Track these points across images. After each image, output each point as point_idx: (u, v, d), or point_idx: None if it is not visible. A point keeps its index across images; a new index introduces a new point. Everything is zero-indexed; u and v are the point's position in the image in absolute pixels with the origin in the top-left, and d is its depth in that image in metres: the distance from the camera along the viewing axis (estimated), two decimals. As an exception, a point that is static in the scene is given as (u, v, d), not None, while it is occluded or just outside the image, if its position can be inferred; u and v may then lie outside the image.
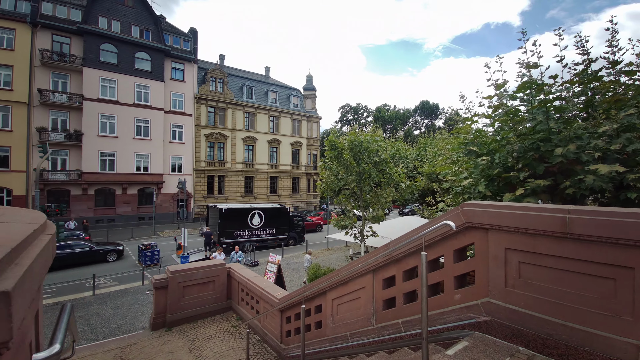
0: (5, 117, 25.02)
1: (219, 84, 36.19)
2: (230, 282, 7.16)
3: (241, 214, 20.42)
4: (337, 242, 23.71)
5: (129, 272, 15.94)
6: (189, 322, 6.48)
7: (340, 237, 12.61)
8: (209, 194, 34.99)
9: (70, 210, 27.19)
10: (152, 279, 6.47)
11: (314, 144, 44.91)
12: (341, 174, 8.55)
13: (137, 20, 30.80)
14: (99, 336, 8.69)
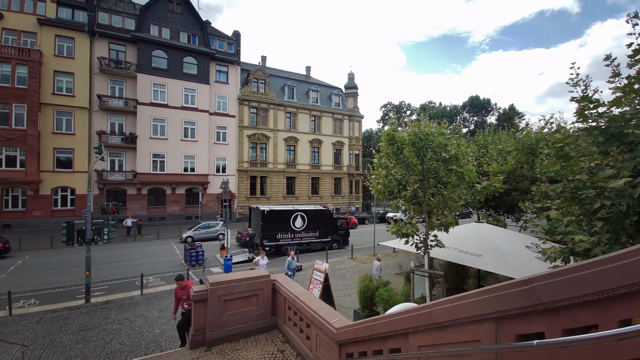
0: (68, 122, 27.09)
1: (260, 85, 36.40)
2: (275, 296, 6.27)
3: (283, 216, 19.85)
4: (383, 248, 22.24)
5: (175, 271, 15.97)
6: (230, 341, 5.68)
7: (393, 245, 11.30)
8: (252, 194, 35.25)
9: (127, 209, 28.77)
10: (191, 291, 5.77)
11: (356, 143, 43.59)
12: (399, 173, 7.28)
13: (185, 26, 31.91)
14: (141, 342, 8.37)
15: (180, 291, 7.41)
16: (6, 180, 24.29)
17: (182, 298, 7.35)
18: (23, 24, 25.63)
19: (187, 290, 7.28)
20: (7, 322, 9.55)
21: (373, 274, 12.18)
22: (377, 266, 12.24)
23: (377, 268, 12.21)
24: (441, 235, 7.87)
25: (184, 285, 7.39)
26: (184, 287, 7.36)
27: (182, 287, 7.38)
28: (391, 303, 7.88)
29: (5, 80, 24.20)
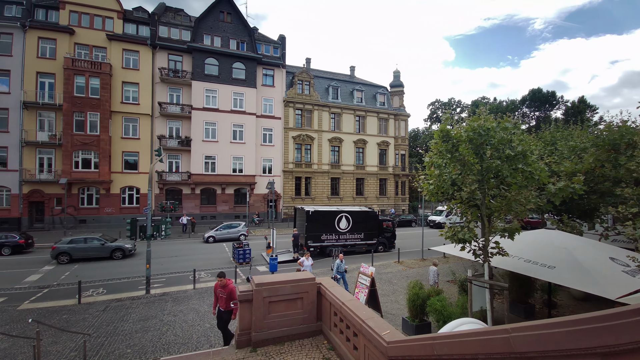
0: (134, 128, 29.78)
1: (305, 87, 36.79)
2: (320, 300, 6.04)
3: (328, 217, 19.69)
4: (432, 252, 21.04)
5: (224, 268, 16.61)
6: (275, 343, 5.57)
7: (444, 250, 10.50)
8: (297, 195, 35.73)
9: (182, 207, 30.85)
10: (236, 289, 5.78)
11: (402, 143, 42.12)
12: (453, 173, 6.65)
13: (234, 34, 33.39)
14: (193, 335, 8.70)
15: (219, 289, 7.33)
16: (82, 180, 27.38)
17: (220, 297, 7.26)
18: (94, 39, 28.71)
19: (226, 290, 7.22)
20: (75, 310, 10.56)
21: (429, 279, 11.46)
22: (433, 272, 11.47)
23: (433, 274, 11.43)
24: (503, 242, 7.03)
25: (224, 283, 7.30)
26: (224, 286, 7.27)
27: (222, 285, 7.29)
28: (445, 314, 7.24)
29: (80, 91, 27.30)
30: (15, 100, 26.42)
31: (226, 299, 7.22)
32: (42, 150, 27.37)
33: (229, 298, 7.20)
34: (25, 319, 9.71)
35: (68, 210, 27.03)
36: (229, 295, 7.21)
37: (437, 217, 33.70)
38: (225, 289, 7.23)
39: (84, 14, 28.64)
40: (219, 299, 7.31)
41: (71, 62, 26.98)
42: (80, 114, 27.33)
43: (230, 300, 7.19)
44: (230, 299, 7.19)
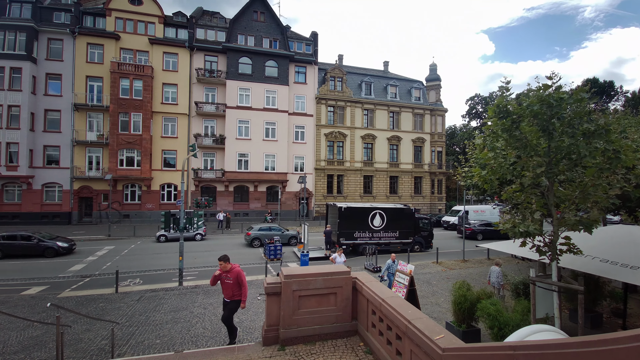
0: (173, 127, 30.91)
1: (337, 83, 36.17)
2: (356, 297, 5.37)
3: (361, 214, 18.88)
4: (476, 253, 19.48)
5: (255, 263, 16.45)
6: (305, 342, 4.99)
7: (496, 247, 9.35)
8: (329, 193, 35.18)
9: (216, 204, 31.52)
10: (264, 281, 5.28)
11: (438, 139, 40.09)
12: (512, 156, 5.66)
13: (267, 32, 33.61)
14: (222, 329, 8.38)
15: (224, 274, 6.32)
16: (126, 177, 28.84)
17: (226, 283, 6.31)
18: (137, 44, 30.18)
19: (232, 274, 6.28)
20: (112, 299, 10.74)
21: (490, 281, 10.25)
22: (496, 272, 10.13)
23: (497, 275, 10.11)
24: (575, 237, 5.90)
25: (229, 268, 6.30)
26: (229, 270, 6.30)
27: (226, 270, 6.30)
28: (500, 321, 6.25)
29: (125, 93, 28.78)
30: (66, 102, 28.44)
31: (232, 286, 6.30)
32: (91, 149, 29.23)
33: (235, 284, 6.30)
34: (65, 305, 9.99)
35: (113, 206, 28.61)
36: (236, 281, 6.30)
37: (452, 217, 31.10)
38: (231, 274, 6.30)
39: (129, 20, 30.22)
40: (223, 285, 6.39)
41: (117, 66, 28.56)
42: (125, 114, 28.82)
43: (237, 287, 6.30)
44: (237, 285, 6.30)
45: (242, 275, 6.35)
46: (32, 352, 6.92)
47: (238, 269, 6.40)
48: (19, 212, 27.29)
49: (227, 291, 6.38)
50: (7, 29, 26.04)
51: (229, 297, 6.40)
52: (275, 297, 5.13)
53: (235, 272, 6.33)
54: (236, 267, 6.41)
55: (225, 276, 6.33)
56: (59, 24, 28.44)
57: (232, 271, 6.34)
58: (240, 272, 6.34)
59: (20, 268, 15.02)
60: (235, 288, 6.34)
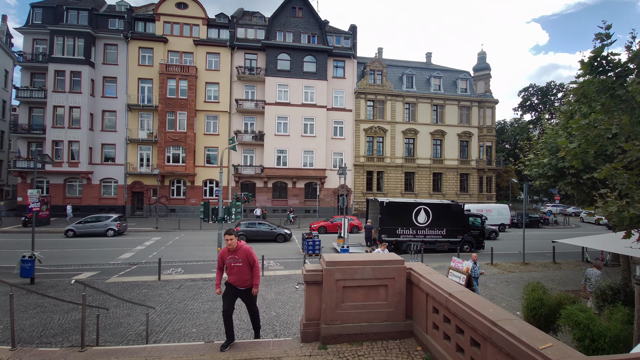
0: (214, 124, 31.80)
1: (377, 76, 34.90)
2: (411, 291, 4.52)
3: (405, 210, 17.68)
4: (536, 256, 17.37)
5: (293, 258, 16.05)
6: (350, 342, 4.25)
7: (581, 244, 7.89)
8: (368, 190, 34.05)
9: (256, 200, 31.86)
10: (302, 269, 4.62)
11: (487, 133, 37.07)
12: (605, 126, 4.43)
13: (305, 28, 33.36)
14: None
15: (229, 256, 4.87)
16: (172, 173, 30.16)
17: (232, 266, 4.84)
18: (183, 46, 31.44)
19: (241, 253, 4.85)
20: (154, 286, 10.84)
21: (587, 286, 8.71)
22: (596, 276, 8.58)
23: (596, 278, 8.57)
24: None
25: (236, 246, 4.86)
26: (237, 250, 4.86)
27: (233, 249, 4.86)
28: (594, 331, 5.00)
29: (172, 93, 30.10)
30: (121, 103, 30.41)
31: (244, 269, 4.86)
32: (142, 147, 30.99)
33: (246, 265, 4.86)
34: (110, 290, 10.23)
35: (161, 200, 30.08)
36: (246, 261, 4.87)
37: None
38: (240, 253, 4.86)
39: (175, 23, 31.62)
40: (230, 270, 4.91)
41: (165, 67, 29.98)
42: (171, 113, 30.16)
43: (248, 269, 4.89)
44: (249, 267, 4.90)
45: (253, 253, 5.00)
46: (71, 335, 6.95)
47: (246, 246, 5.03)
48: (80, 204, 29.68)
49: (239, 276, 4.87)
50: (67, 35, 28.38)
51: (243, 284, 4.92)
52: (316, 287, 4.44)
53: (244, 250, 4.90)
54: (244, 244, 5.01)
55: (233, 258, 4.85)
56: (113, 30, 30.51)
57: (240, 250, 4.89)
58: (250, 250, 4.95)
59: (81, 254, 16.01)
60: (248, 271, 4.91)
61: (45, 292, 9.78)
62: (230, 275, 4.93)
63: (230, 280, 4.95)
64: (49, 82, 28.36)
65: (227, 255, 4.91)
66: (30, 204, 11.17)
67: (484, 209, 27.82)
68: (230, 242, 4.83)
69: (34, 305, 8.86)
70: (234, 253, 4.87)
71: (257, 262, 4.99)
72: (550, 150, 9.40)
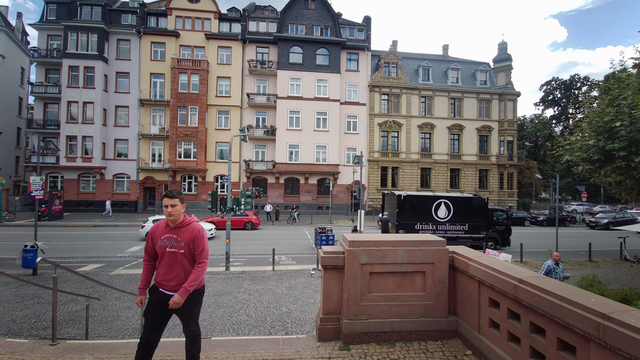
0: (226, 119, 31.37)
1: (392, 69, 33.77)
2: (456, 280, 3.63)
3: (424, 204, 16.62)
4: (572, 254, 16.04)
5: (305, 253, 15.31)
6: (378, 341, 3.39)
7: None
8: (382, 186, 32.98)
9: (267, 196, 31.24)
10: (319, 252, 3.78)
11: (508, 127, 35.38)
12: None
13: (318, 20, 32.56)
14: (267, 318, 7.18)
15: (165, 235, 3.01)
16: (183, 168, 29.87)
17: (165, 254, 2.97)
18: (194, 40, 31.12)
19: (185, 234, 2.99)
20: (160, 277, 10.21)
21: None
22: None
23: None
24: None
25: (181, 221, 3.05)
26: (180, 227, 3.02)
27: (173, 224, 3.03)
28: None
29: (183, 88, 29.81)
30: (134, 98, 30.32)
31: (180, 259, 2.96)
32: (154, 142, 30.85)
33: (189, 254, 2.99)
34: (113, 282, 9.67)
35: (172, 196, 29.82)
36: (190, 247, 2.99)
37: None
38: (183, 232, 3.01)
39: (187, 17, 31.33)
40: (160, 259, 2.99)
41: (177, 62, 29.72)
42: (183, 108, 29.88)
43: (191, 261, 3.01)
44: (192, 257, 3.01)
45: (205, 237, 3.10)
46: (63, 328, 6.32)
47: (197, 224, 3.15)
48: (93, 200, 29.74)
49: (174, 272, 2.94)
50: (80, 30, 28.43)
51: (174, 284, 2.93)
52: (336, 273, 3.60)
53: (192, 229, 3.04)
54: (194, 221, 3.15)
55: (170, 239, 2.97)
56: (126, 25, 30.45)
57: (185, 228, 3.03)
58: (201, 231, 3.07)
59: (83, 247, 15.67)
60: (190, 265, 3.00)
61: (46, 283, 9.28)
62: (159, 268, 2.98)
63: (158, 278, 2.99)
64: (63, 78, 28.49)
65: (161, 233, 3.01)
66: (33, 191, 10.72)
67: None
68: (172, 210, 2.96)
69: (31, 296, 8.35)
70: (174, 231, 3.00)
71: (205, 253, 3.04)
72: (597, 130, 8.34)
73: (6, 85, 31.87)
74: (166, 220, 3.08)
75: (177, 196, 3.07)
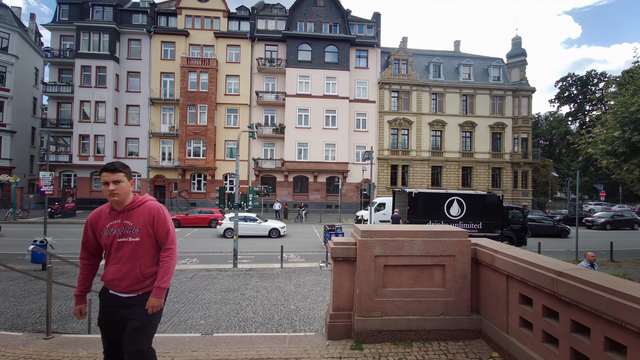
0: (235, 117, 31.38)
1: (402, 66, 33.24)
2: (479, 274, 3.31)
3: (435, 201, 16.17)
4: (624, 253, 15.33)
5: (314, 251, 15.06)
6: (394, 340, 3.11)
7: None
8: (392, 184, 32.49)
9: (276, 195, 31.12)
10: (329, 243, 3.51)
11: (523, 124, 34.45)
12: None
13: (327, 17, 32.29)
14: (274, 315, 6.94)
15: (112, 222, 2.28)
16: (193, 167, 29.99)
17: (115, 245, 2.26)
18: (204, 39, 31.21)
19: (139, 219, 2.28)
20: (167, 273, 10.10)
21: None
22: None
23: None
24: None
25: (131, 201, 2.33)
26: (131, 210, 2.30)
27: (120, 207, 2.29)
28: None
29: (193, 86, 29.92)
30: (144, 98, 30.59)
31: (135, 250, 2.27)
32: (164, 141, 31.08)
33: (147, 242, 2.32)
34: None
35: (182, 194, 30.00)
36: (149, 232, 2.31)
37: (365, 212, 24.01)
38: (136, 216, 2.30)
39: (197, 16, 31.45)
40: (109, 254, 2.29)
41: (186, 60, 29.86)
42: (192, 106, 30.00)
43: (152, 250, 2.34)
44: (152, 247, 2.35)
45: (168, 216, 2.44)
46: (67, 323, 6.21)
47: (154, 202, 2.44)
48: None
49: (125, 266, 2.25)
50: (92, 30, 28.80)
51: (135, 287, 2.27)
52: (347, 266, 3.33)
53: (148, 210, 2.35)
54: (149, 200, 2.43)
55: (120, 226, 2.27)
56: (137, 25, 30.74)
57: (138, 210, 2.33)
58: (161, 210, 2.39)
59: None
60: (150, 256, 2.34)
61: (55, 278, 9.25)
62: (108, 265, 2.28)
63: (106, 277, 2.26)
64: (76, 78, 28.91)
65: (105, 220, 2.29)
66: (42, 186, 10.74)
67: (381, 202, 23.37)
68: (116, 188, 2.23)
69: (38, 290, 8.31)
70: (123, 215, 2.27)
71: (172, 236, 2.39)
72: (622, 122, 7.85)
73: (21, 86, 32.52)
74: (109, 203, 2.31)
75: (120, 169, 2.27)
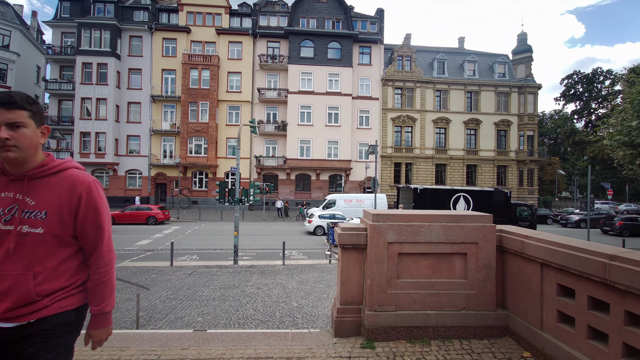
0: (236, 115, 31.07)
1: (406, 62, 32.80)
2: (506, 264, 2.95)
3: (441, 197, 15.87)
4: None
5: (317, 249, 14.73)
6: (409, 338, 2.75)
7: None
8: (395, 182, 32.05)
9: (278, 192, 30.80)
10: (336, 230, 3.16)
11: (529, 122, 33.90)
12: None
13: (330, 13, 31.93)
14: (276, 313, 6.60)
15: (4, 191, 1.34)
16: (194, 164, 29.72)
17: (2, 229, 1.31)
18: (205, 35, 30.92)
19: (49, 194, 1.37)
20: (165, 271, 9.84)
21: None
22: None
23: None
24: None
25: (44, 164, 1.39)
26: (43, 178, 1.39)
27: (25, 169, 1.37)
28: None
29: (194, 83, 29.64)
30: (145, 95, 30.35)
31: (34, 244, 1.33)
32: (165, 138, 30.82)
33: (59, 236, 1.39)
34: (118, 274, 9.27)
35: (183, 192, 29.74)
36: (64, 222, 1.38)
37: (317, 208, 22.79)
38: (42, 191, 1.37)
39: (198, 13, 31.17)
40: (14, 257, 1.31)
41: (188, 57, 29.59)
42: (194, 104, 29.73)
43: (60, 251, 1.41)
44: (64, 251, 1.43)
45: (98, 194, 1.49)
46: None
47: (77, 172, 1.47)
48: (107, 195, 29.84)
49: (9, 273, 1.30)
50: (93, 27, 28.56)
51: (8, 305, 1.29)
52: (356, 254, 2.97)
53: (69, 183, 1.42)
54: (71, 167, 1.47)
55: (14, 202, 1.34)
56: (138, 21, 30.49)
57: (50, 182, 1.40)
58: (91, 186, 1.46)
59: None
60: (53, 262, 1.39)
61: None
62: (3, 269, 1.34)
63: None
64: (77, 75, 28.69)
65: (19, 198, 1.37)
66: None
67: (354, 199, 22.17)
68: (13, 137, 1.30)
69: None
70: (21, 187, 1.37)
71: (108, 234, 1.60)
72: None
73: (22, 83, 32.35)
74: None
75: (23, 105, 1.34)
